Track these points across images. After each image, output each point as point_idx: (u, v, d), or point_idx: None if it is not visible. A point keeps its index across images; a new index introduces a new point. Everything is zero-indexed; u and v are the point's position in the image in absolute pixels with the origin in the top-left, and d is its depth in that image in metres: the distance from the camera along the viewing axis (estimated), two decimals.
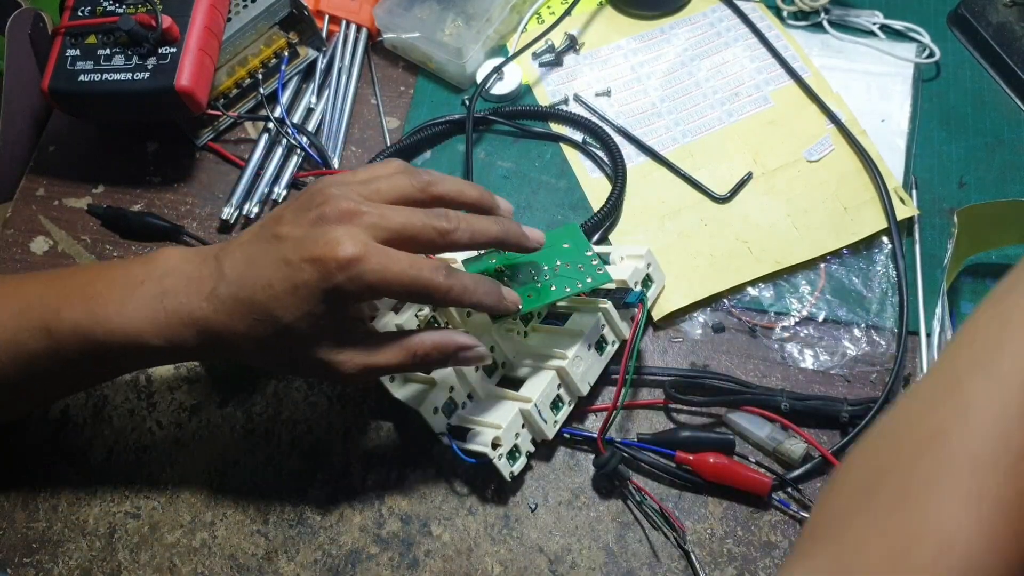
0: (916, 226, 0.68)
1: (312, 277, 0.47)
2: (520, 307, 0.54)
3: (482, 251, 0.62)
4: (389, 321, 0.59)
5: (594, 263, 0.57)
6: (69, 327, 0.50)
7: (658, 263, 0.63)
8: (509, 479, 0.57)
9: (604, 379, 0.61)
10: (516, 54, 0.76)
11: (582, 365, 0.58)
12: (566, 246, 0.58)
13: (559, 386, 0.58)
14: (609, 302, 0.59)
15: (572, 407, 0.59)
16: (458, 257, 0.61)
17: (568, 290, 0.56)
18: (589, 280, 0.56)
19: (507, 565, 0.57)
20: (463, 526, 0.58)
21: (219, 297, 0.49)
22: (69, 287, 0.52)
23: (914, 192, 0.69)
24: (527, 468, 0.60)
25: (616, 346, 0.60)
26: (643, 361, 0.63)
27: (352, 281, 0.47)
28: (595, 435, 0.59)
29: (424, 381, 0.58)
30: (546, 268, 0.57)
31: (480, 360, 0.53)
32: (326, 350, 0.50)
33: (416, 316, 0.59)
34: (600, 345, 0.59)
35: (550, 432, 0.58)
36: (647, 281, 0.62)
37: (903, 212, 0.67)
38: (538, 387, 0.57)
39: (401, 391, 0.58)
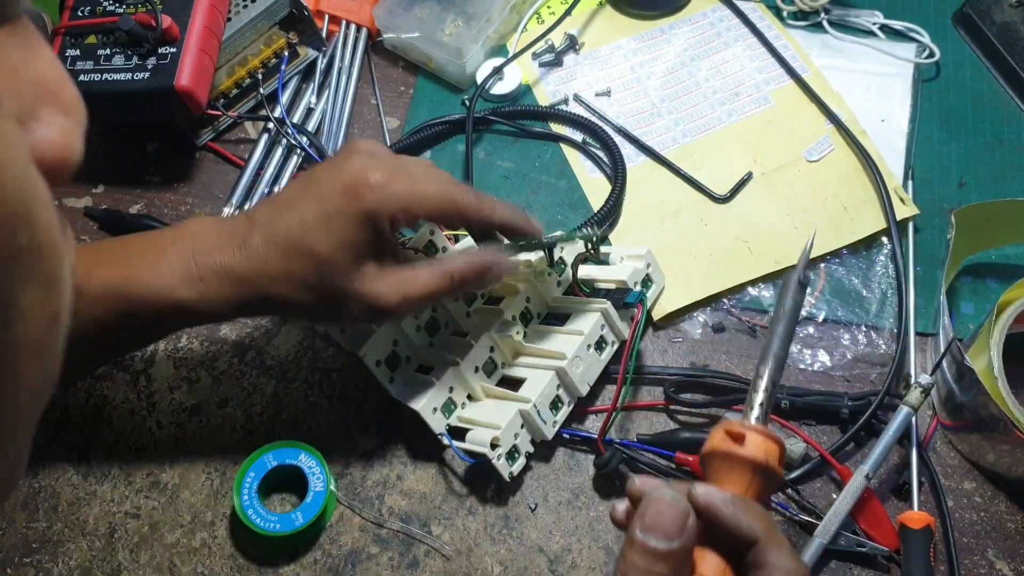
0: (910, 225, 0.68)
1: (344, 203, 0.48)
2: (542, 233, 0.55)
3: None
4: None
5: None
6: (100, 287, 0.49)
7: (658, 263, 0.63)
8: (508, 479, 0.57)
9: (604, 379, 0.61)
10: (516, 55, 0.76)
11: (581, 365, 0.58)
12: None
13: (558, 386, 0.58)
14: (608, 302, 0.59)
15: (572, 407, 0.59)
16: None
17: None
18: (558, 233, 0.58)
19: (507, 565, 0.57)
20: (463, 526, 0.58)
21: (252, 244, 0.49)
22: (99, 251, 0.52)
23: (910, 184, 0.69)
24: (527, 468, 0.60)
25: (616, 346, 0.60)
26: (643, 361, 0.63)
27: (384, 201, 0.48)
28: (595, 436, 0.59)
29: (423, 382, 0.58)
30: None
31: (511, 270, 0.54)
32: (365, 281, 0.50)
33: (415, 316, 0.59)
34: (600, 345, 0.59)
35: (549, 432, 0.58)
36: (647, 281, 0.62)
37: (903, 212, 0.67)
38: (537, 387, 0.57)
39: (400, 391, 0.58)
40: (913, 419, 0.58)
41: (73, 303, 0.24)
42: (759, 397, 0.41)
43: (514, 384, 0.59)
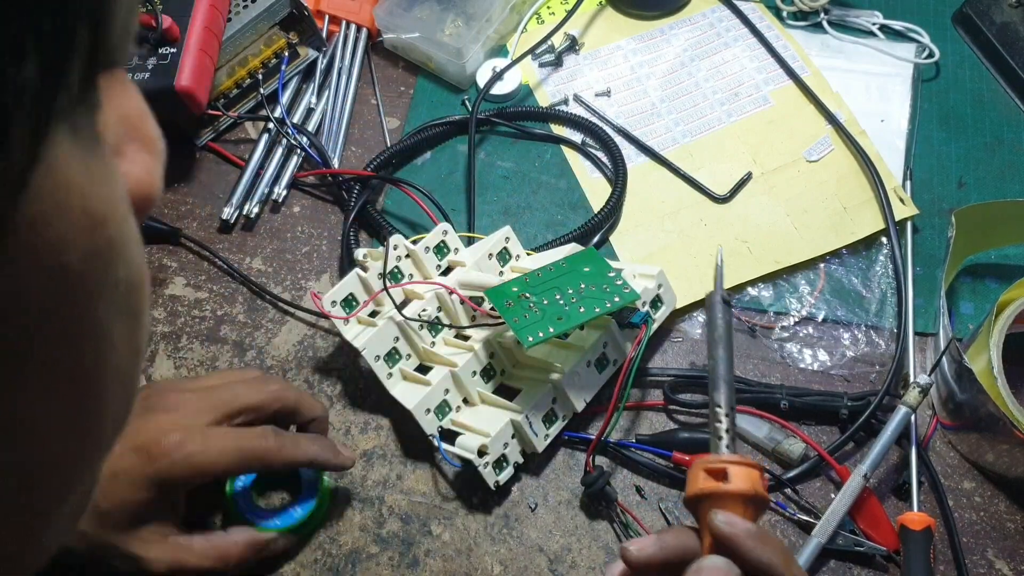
0: (910, 225, 0.68)
1: (133, 465, 0.47)
2: (353, 463, 0.56)
3: (503, 276, 0.61)
4: (395, 315, 0.58)
5: (619, 283, 0.55)
6: None
7: (670, 285, 0.61)
8: (494, 488, 0.57)
9: (610, 384, 0.60)
10: (520, 58, 0.76)
11: (579, 381, 0.57)
12: (587, 269, 0.57)
13: (553, 400, 0.57)
14: (612, 320, 0.58)
15: (566, 423, 0.58)
16: (474, 281, 0.60)
17: (597, 310, 0.54)
18: (617, 299, 0.54)
19: (507, 565, 0.57)
20: (463, 526, 0.59)
21: None
22: None
23: (910, 184, 0.69)
24: (515, 477, 0.59)
25: (618, 365, 0.59)
26: (643, 362, 0.63)
27: (174, 465, 0.48)
28: (593, 438, 0.59)
29: (420, 382, 0.58)
30: (571, 291, 0.55)
31: (283, 548, 0.55)
32: (137, 543, 0.49)
33: (419, 316, 0.59)
34: (601, 362, 0.58)
35: (540, 445, 0.57)
36: (656, 302, 0.60)
37: (902, 212, 0.67)
38: (531, 399, 0.56)
39: (397, 388, 0.58)
40: (912, 419, 0.58)
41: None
42: (723, 425, 0.41)
43: (512, 392, 0.59)
